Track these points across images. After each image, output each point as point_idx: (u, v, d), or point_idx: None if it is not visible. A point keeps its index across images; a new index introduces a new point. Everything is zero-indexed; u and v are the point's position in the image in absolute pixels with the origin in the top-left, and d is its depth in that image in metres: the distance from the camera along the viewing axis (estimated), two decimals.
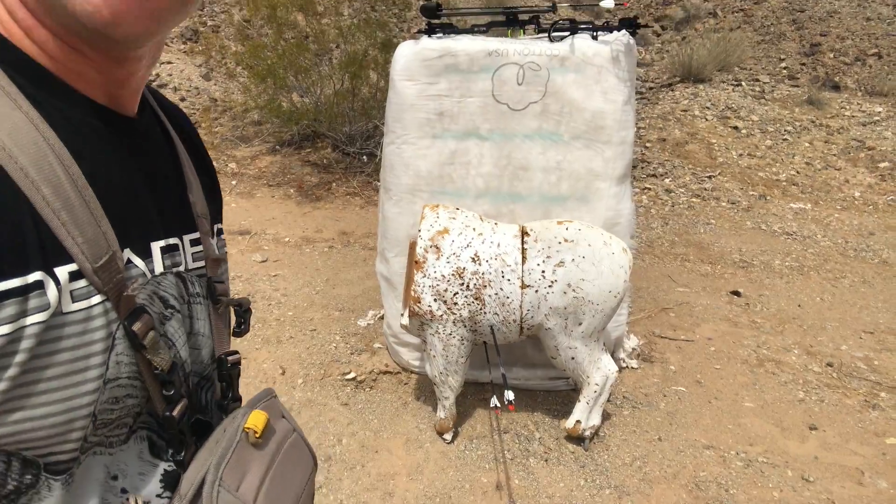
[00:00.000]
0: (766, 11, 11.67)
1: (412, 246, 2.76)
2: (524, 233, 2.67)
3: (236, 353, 0.74)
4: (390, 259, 3.15)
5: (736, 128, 7.92)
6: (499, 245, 2.63)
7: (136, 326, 0.56)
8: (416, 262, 2.63)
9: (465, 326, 2.66)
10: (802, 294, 4.51)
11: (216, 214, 0.79)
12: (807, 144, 7.66)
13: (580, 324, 2.61)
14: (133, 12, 0.50)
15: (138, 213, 0.60)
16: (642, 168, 6.91)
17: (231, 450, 0.60)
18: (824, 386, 3.39)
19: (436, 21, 2.94)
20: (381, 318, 3.73)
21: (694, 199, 6.29)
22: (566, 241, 2.59)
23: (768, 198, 6.41)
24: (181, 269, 0.66)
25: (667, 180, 6.67)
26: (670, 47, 11.15)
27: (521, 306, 2.60)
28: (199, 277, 0.70)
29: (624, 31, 2.79)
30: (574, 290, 2.56)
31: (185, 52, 9.07)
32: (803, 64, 10.53)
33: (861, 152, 7.46)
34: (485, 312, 2.62)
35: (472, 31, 3.00)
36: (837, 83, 9.85)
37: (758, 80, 9.84)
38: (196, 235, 0.70)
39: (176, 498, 0.58)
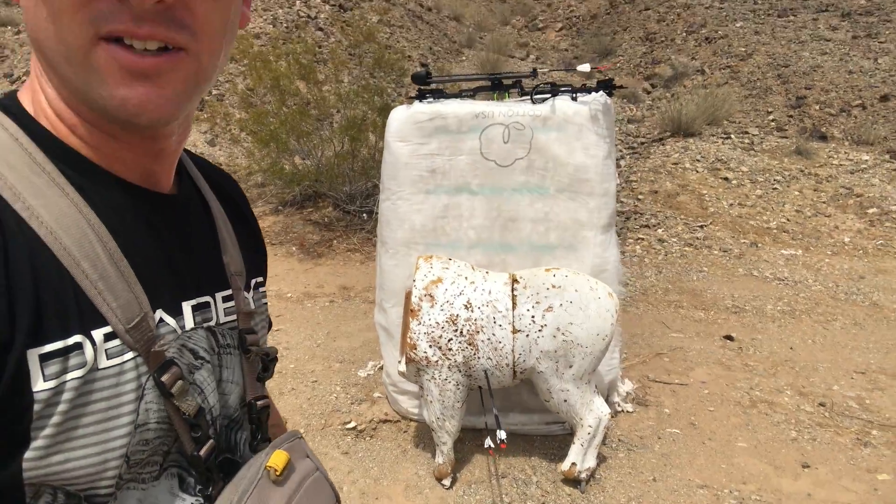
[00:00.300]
0: (752, 67, 12.07)
1: (408, 295, 2.89)
2: (514, 280, 2.81)
3: (266, 397, 0.81)
4: (388, 309, 3.28)
5: (726, 179, 8.14)
6: (490, 292, 2.76)
7: (165, 377, 0.63)
8: (412, 311, 2.75)
9: (460, 371, 2.77)
10: (794, 337, 4.60)
11: (256, 269, 0.87)
12: (796, 193, 7.86)
13: (571, 366, 2.72)
14: (152, 101, 0.57)
15: (170, 277, 0.68)
16: (635, 219, 7.08)
17: (252, 486, 0.67)
18: (816, 425, 3.46)
19: (426, 87, 3.15)
20: (381, 368, 3.83)
21: (686, 248, 6.44)
22: (554, 286, 2.72)
23: (760, 245, 6.56)
24: (212, 323, 0.74)
25: (659, 230, 6.83)
26: (661, 104, 11.50)
27: (512, 350, 2.71)
28: (230, 330, 0.77)
29: (601, 93, 2.99)
30: (563, 333, 2.67)
31: None
32: (790, 116, 10.84)
33: (850, 199, 7.64)
34: (478, 357, 2.73)
35: (460, 95, 3.20)
36: (824, 134, 10.13)
37: (747, 133, 10.13)
38: (228, 292, 0.77)
39: None
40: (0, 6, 15.69)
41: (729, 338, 4.56)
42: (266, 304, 0.90)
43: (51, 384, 0.55)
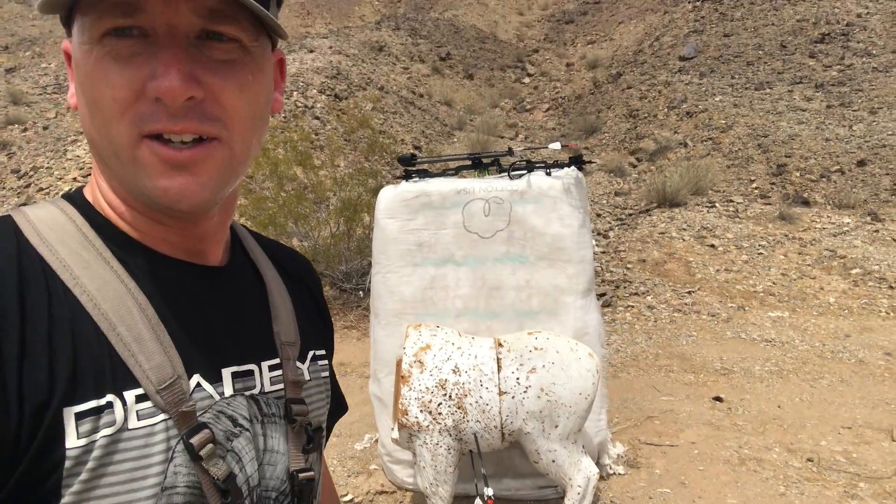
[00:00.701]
0: (733, 138, 12.54)
1: (399, 363, 3.03)
2: (499, 344, 2.96)
3: (310, 470, 0.78)
4: (381, 379, 3.41)
5: (713, 246, 8.37)
6: (476, 357, 2.91)
7: (195, 440, 0.64)
8: (403, 377, 2.89)
9: (451, 435, 2.88)
10: (782, 396, 4.70)
11: (317, 341, 0.88)
12: (782, 257, 8.07)
13: (557, 426, 2.83)
14: (190, 189, 0.63)
15: (210, 344, 0.71)
16: (625, 287, 7.26)
17: None
18: (805, 480, 3.53)
19: (412, 168, 3.40)
20: (377, 440, 3.91)
21: (676, 314, 6.59)
22: (536, 349, 2.87)
23: (747, 308, 6.71)
24: (255, 391, 0.74)
25: (649, 298, 7.00)
26: (646, 177, 11.89)
27: (500, 412, 2.83)
28: (276, 399, 0.76)
29: (573, 167, 3.23)
30: (547, 393, 2.80)
31: None
32: (773, 183, 11.20)
33: (833, 261, 7.85)
34: (467, 420, 2.85)
35: (443, 174, 3.44)
36: (806, 199, 10.45)
37: (732, 201, 10.45)
38: (275, 361, 0.78)
39: None
40: (8, 105, 16.36)
41: (718, 399, 4.65)
42: (327, 377, 0.90)
43: (82, 442, 0.58)
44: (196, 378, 0.68)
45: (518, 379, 2.83)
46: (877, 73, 14.29)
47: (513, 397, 2.83)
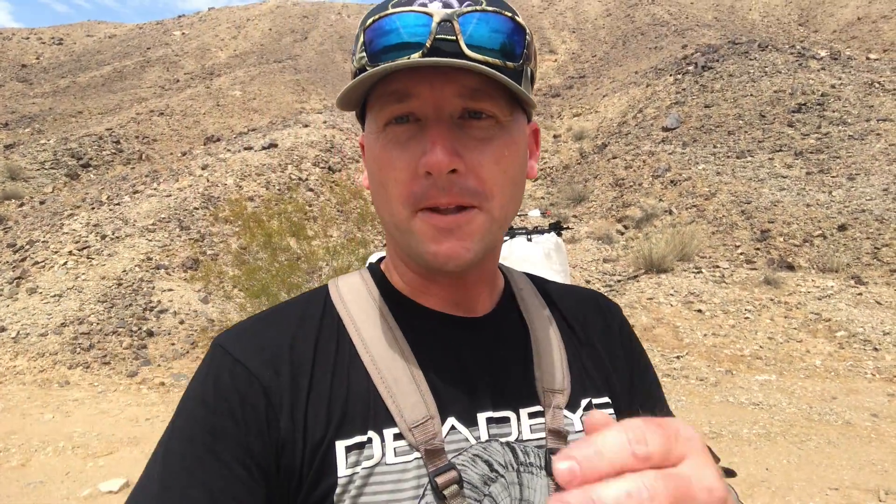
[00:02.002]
0: (717, 205, 12.83)
1: None
2: None
3: None
4: None
5: (700, 311, 8.48)
6: None
7: (441, 479, 0.68)
8: None
9: None
10: (770, 458, 4.73)
11: (597, 388, 0.85)
12: (768, 321, 8.18)
13: None
14: (455, 251, 0.70)
15: (466, 390, 0.75)
16: None
17: None
18: None
19: None
20: None
21: (664, 379, 6.64)
22: None
23: (734, 372, 6.78)
24: (510, 438, 0.75)
25: None
26: (633, 243, 12.10)
27: None
28: (536, 448, 0.75)
29: (552, 234, 3.38)
30: None
31: (185, 279, 9.82)
32: (757, 248, 11.41)
33: (819, 324, 7.96)
34: None
35: None
36: (791, 264, 10.64)
37: (717, 266, 10.62)
38: (536, 409, 0.77)
39: None
40: (6, 181, 16.63)
41: None
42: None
43: (349, 471, 0.67)
44: (451, 421, 0.72)
45: None
46: (853, 140, 14.76)
47: None
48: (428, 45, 0.65)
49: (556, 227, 3.40)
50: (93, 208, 11.79)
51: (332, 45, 37.64)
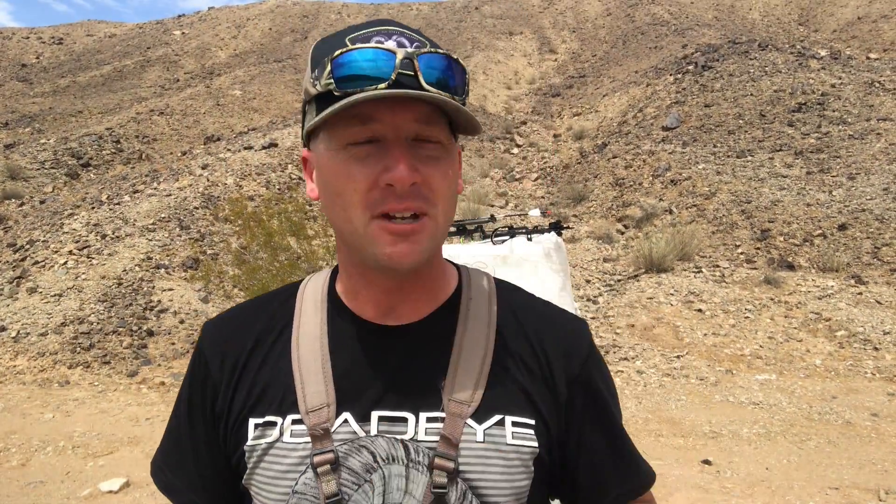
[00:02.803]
0: (717, 205, 12.83)
1: None
2: None
3: None
4: None
5: (700, 310, 8.48)
6: None
7: (317, 459, 0.82)
8: None
9: None
10: (770, 458, 4.73)
11: (520, 410, 0.88)
12: (768, 320, 8.18)
13: None
14: (408, 253, 0.81)
15: (368, 389, 0.86)
16: (614, 352, 7.33)
17: None
18: None
19: None
20: None
21: (665, 378, 6.64)
22: None
23: (735, 372, 6.78)
24: (405, 437, 0.84)
25: (638, 362, 7.06)
26: (633, 243, 12.10)
27: None
28: (427, 449, 0.83)
29: (552, 233, 3.37)
30: None
31: (185, 279, 9.82)
32: (758, 248, 11.41)
33: (819, 324, 7.96)
34: None
35: None
36: (791, 263, 10.64)
37: (718, 266, 10.62)
38: (438, 414, 0.84)
39: None
40: (6, 180, 16.63)
41: (707, 462, 4.67)
42: (522, 447, 0.86)
43: (253, 442, 0.87)
44: (345, 415, 0.85)
45: None
46: (853, 140, 14.76)
47: None
48: (393, 78, 0.77)
49: (557, 227, 3.39)
50: (93, 208, 11.79)
51: None
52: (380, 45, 0.80)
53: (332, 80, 0.79)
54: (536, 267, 3.29)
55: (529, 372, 0.91)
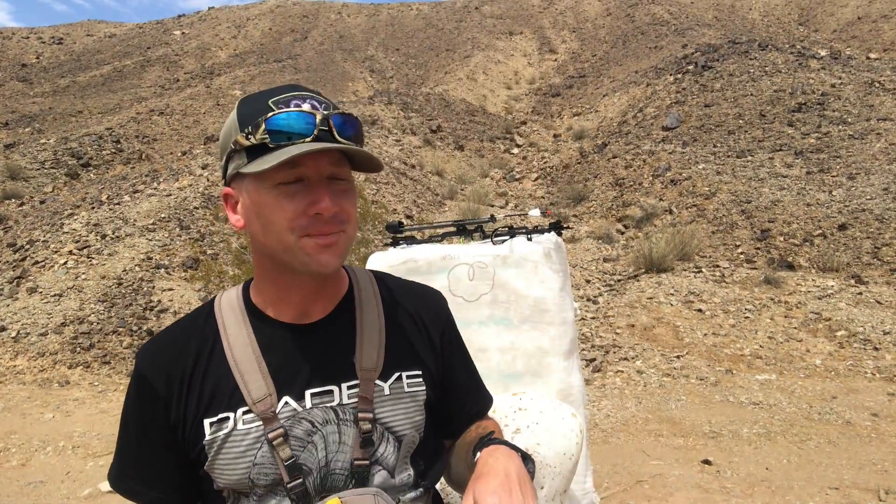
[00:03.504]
0: (717, 205, 12.83)
1: None
2: None
3: (365, 460, 1.13)
4: None
5: (700, 310, 8.48)
6: None
7: (271, 434, 1.07)
8: None
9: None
10: (770, 458, 4.73)
11: (410, 363, 1.22)
12: (768, 320, 8.17)
13: (542, 487, 2.87)
14: (332, 260, 1.07)
15: (298, 374, 1.12)
16: (614, 353, 7.32)
17: None
18: None
19: (399, 235, 3.53)
20: None
21: (665, 378, 6.64)
22: (520, 409, 2.93)
23: (735, 372, 6.77)
24: (333, 404, 1.12)
25: (638, 362, 7.05)
26: (633, 243, 12.10)
27: None
28: (352, 409, 1.13)
29: (553, 233, 3.37)
30: (532, 454, 2.85)
31: (185, 279, 9.82)
32: (758, 248, 11.41)
33: (819, 324, 7.95)
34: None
35: (430, 240, 3.58)
36: (791, 263, 10.64)
37: (718, 266, 10.62)
38: (353, 382, 1.14)
39: None
40: (6, 180, 16.63)
41: (707, 462, 4.67)
42: (415, 392, 1.21)
43: (211, 437, 1.08)
44: (285, 398, 1.10)
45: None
46: (853, 140, 14.76)
47: None
48: (315, 133, 1.03)
49: (556, 227, 3.38)
50: (93, 208, 11.78)
51: (332, 44, 37.61)
52: (300, 108, 1.04)
53: (266, 136, 1.03)
54: (536, 267, 3.29)
55: (413, 334, 1.25)
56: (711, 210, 12.70)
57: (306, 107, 1.05)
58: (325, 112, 1.05)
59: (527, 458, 1.16)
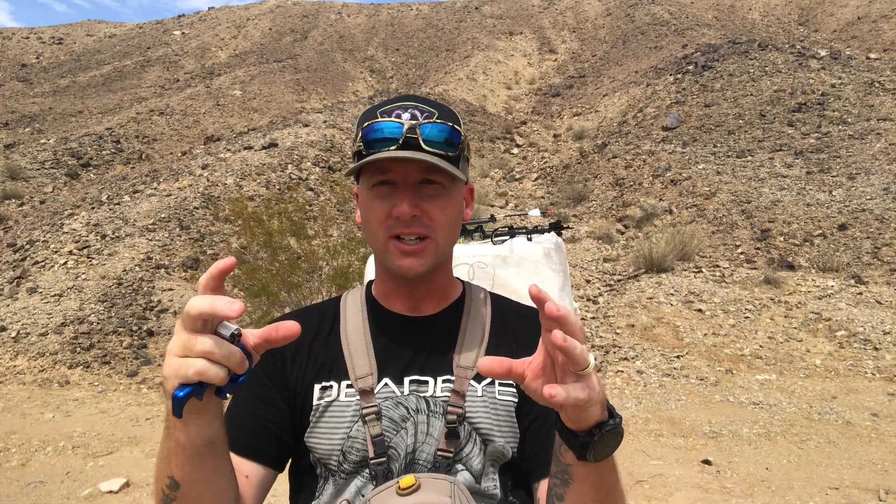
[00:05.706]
0: (717, 205, 12.83)
1: None
2: None
3: (450, 452, 1.14)
4: None
5: (700, 310, 8.48)
6: None
7: (365, 411, 1.13)
8: None
9: None
10: (770, 458, 4.73)
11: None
12: (768, 320, 8.17)
13: None
14: (414, 267, 1.14)
15: (401, 361, 1.20)
16: (614, 352, 7.32)
17: (381, 489, 1.07)
18: None
19: None
20: None
21: (665, 378, 6.64)
22: None
23: (735, 372, 6.77)
24: (427, 395, 1.17)
25: (638, 362, 7.05)
26: (633, 243, 12.10)
27: None
28: (443, 402, 1.16)
29: (552, 233, 3.37)
30: None
31: (185, 279, 9.82)
32: (758, 248, 11.41)
33: (819, 324, 7.95)
34: None
35: None
36: (791, 263, 10.64)
37: (718, 266, 10.62)
38: (449, 377, 1.18)
39: None
40: (6, 181, 16.62)
41: (707, 462, 4.67)
42: (508, 402, 1.20)
43: (318, 401, 1.16)
44: (385, 379, 1.17)
45: None
46: (853, 140, 14.76)
47: None
48: (401, 142, 1.10)
49: (557, 227, 3.37)
50: (93, 208, 11.78)
51: (332, 44, 37.60)
52: (395, 119, 1.13)
53: (361, 144, 1.15)
54: (536, 267, 3.29)
55: (511, 350, 1.22)
56: (711, 210, 12.70)
57: (405, 116, 1.14)
58: (413, 122, 1.12)
59: None
